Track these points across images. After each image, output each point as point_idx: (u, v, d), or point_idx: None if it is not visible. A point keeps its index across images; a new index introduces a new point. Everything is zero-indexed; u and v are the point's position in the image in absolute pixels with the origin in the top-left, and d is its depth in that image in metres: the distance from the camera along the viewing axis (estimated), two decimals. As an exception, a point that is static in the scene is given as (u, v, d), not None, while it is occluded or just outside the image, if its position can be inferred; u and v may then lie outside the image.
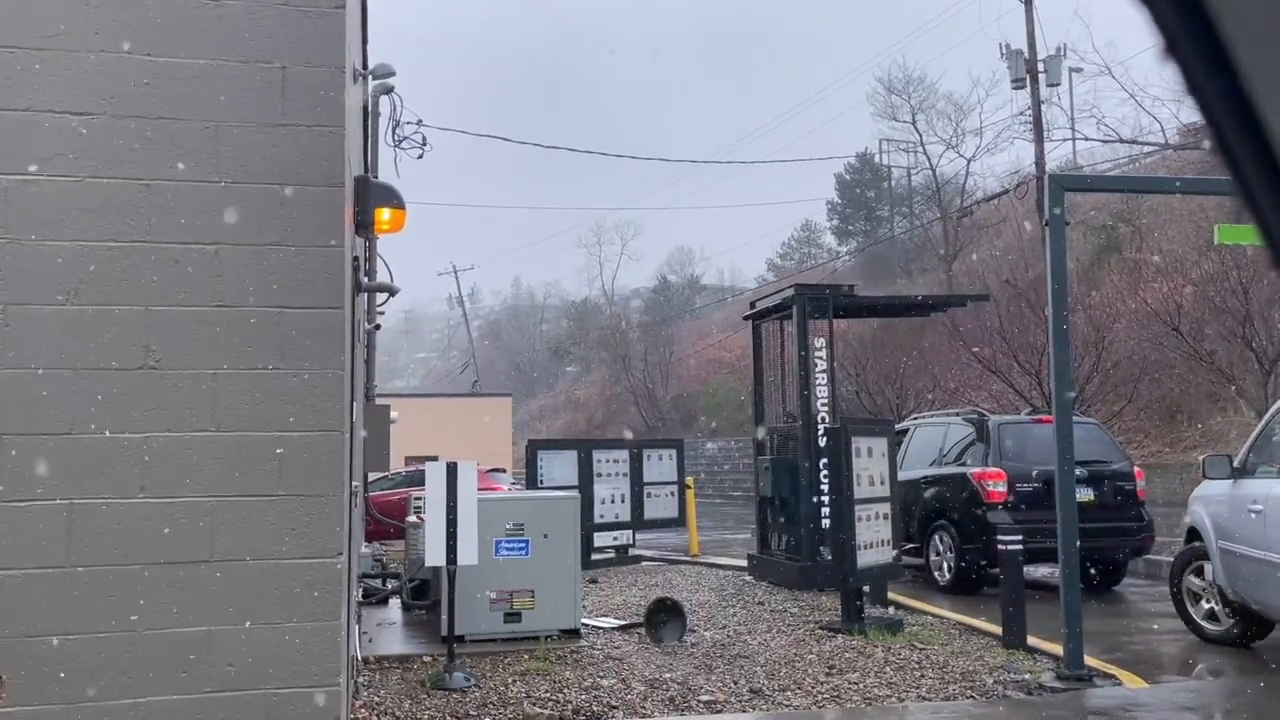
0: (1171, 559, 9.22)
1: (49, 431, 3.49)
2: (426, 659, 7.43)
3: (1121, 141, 29.96)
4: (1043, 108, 25.76)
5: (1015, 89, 25.69)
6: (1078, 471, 7.83)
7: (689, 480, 15.33)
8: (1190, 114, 27.19)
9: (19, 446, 3.46)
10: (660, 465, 14.65)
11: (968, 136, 38.95)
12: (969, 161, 39.13)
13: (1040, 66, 24.62)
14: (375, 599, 10.22)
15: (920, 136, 41.16)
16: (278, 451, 3.65)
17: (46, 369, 3.51)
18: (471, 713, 6.05)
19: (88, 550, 3.47)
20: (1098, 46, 76.37)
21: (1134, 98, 30.72)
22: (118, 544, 3.50)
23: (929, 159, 40.70)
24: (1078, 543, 6.83)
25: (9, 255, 3.52)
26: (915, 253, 41.16)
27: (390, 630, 8.93)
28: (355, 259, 5.64)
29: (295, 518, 3.63)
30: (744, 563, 12.54)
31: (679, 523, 14.88)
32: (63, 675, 3.40)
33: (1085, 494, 10.09)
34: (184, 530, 3.55)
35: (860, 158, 48.62)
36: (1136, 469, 11.60)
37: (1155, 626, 9.16)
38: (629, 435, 26.94)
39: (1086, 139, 31.54)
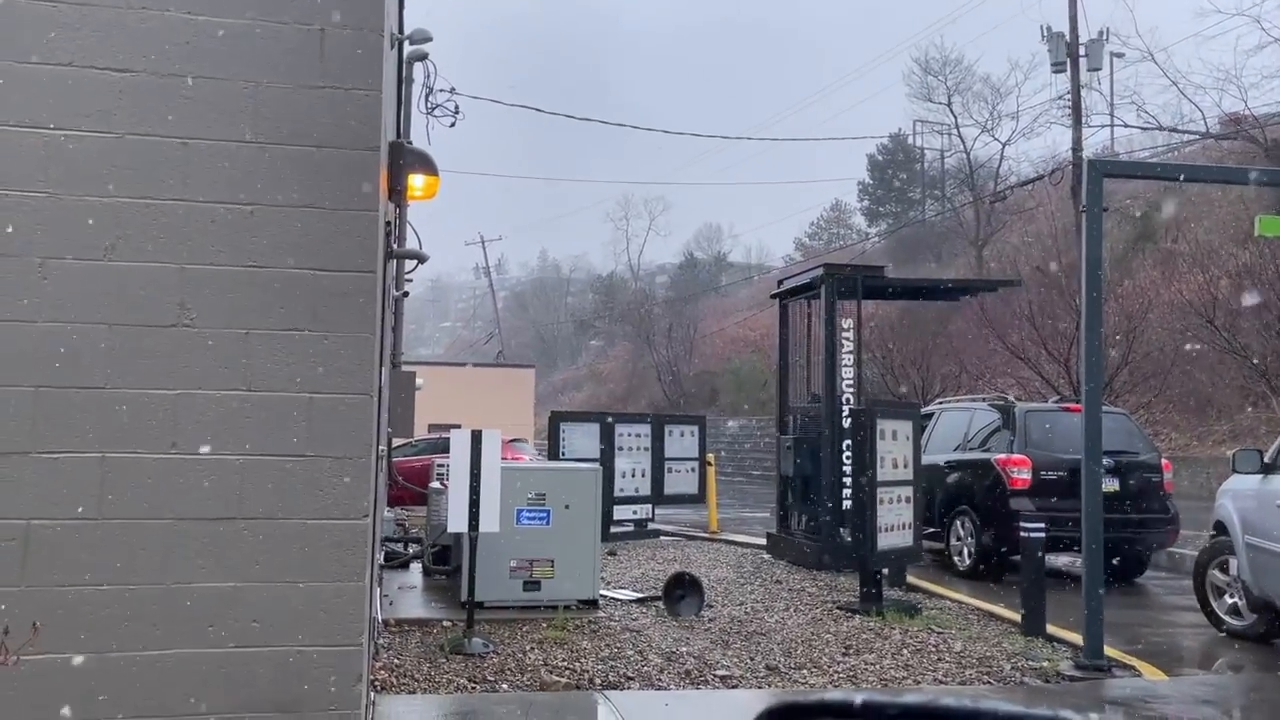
0: (1195, 552, 9.16)
1: (84, 385, 3.52)
2: (446, 624, 7.51)
3: (1161, 129, 29.44)
4: (1082, 92, 25.35)
5: (1055, 72, 25.27)
6: (1105, 461, 7.76)
7: (710, 457, 15.35)
8: (1233, 103, 26.67)
9: (54, 399, 3.50)
10: (682, 441, 14.68)
11: (1004, 120, 38.48)
12: (1004, 145, 38.66)
13: (1081, 50, 24.21)
14: (397, 563, 10.32)
15: (955, 119, 40.69)
16: (307, 412, 3.67)
17: (83, 323, 3.54)
18: (489, 678, 6.10)
19: (119, 503, 3.51)
20: (1141, 31, 74.89)
21: (1176, 85, 30.11)
22: (149, 498, 3.54)
23: (963, 142, 40.23)
24: (1102, 533, 6.79)
25: (48, 209, 3.55)
26: (946, 236, 40.78)
27: (411, 594, 9.03)
28: (387, 224, 5.65)
29: (323, 479, 3.66)
30: (763, 541, 12.56)
31: (698, 499, 14.92)
32: (92, 625, 3.46)
33: (1111, 484, 10.01)
34: (214, 487, 3.59)
35: (893, 139, 48.16)
36: (1165, 461, 11.49)
37: (1177, 619, 9.11)
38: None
39: (1126, 126, 30.98)
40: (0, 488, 3.42)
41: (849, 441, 10.63)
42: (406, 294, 12.38)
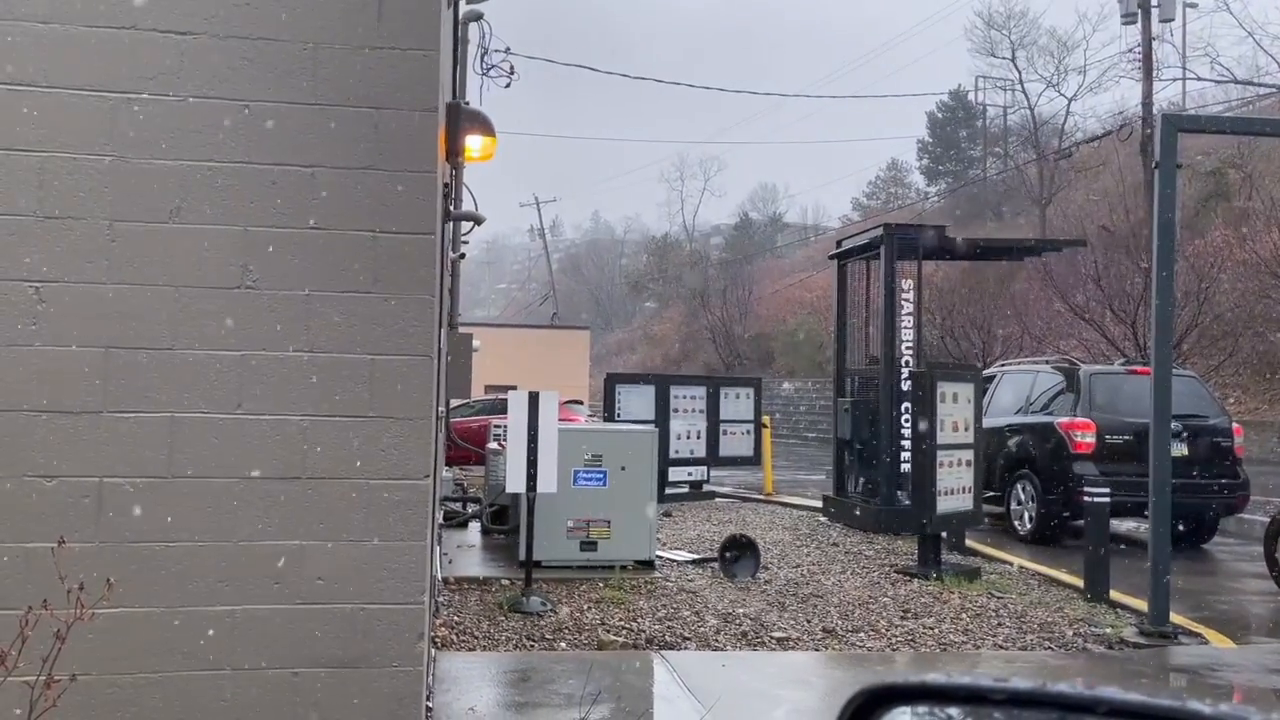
0: (1266, 519, 8.92)
1: (153, 346, 3.58)
2: (504, 582, 7.60)
3: (1236, 82, 28.42)
4: (1153, 45, 24.48)
5: (1125, 24, 24.45)
6: (1173, 425, 7.56)
7: (765, 419, 15.28)
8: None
9: (124, 360, 3.57)
10: (737, 404, 14.62)
11: (1070, 75, 37.43)
12: (1070, 101, 37.64)
13: (1153, 0, 23.35)
14: (456, 522, 10.47)
15: (1019, 74, 39.64)
16: (369, 374, 3.70)
17: (150, 285, 3.60)
18: (547, 636, 6.17)
19: (188, 462, 3.58)
20: (1216, -20, 71.91)
21: (1252, 36, 28.99)
22: (216, 457, 3.60)
23: (1027, 97, 39.25)
24: (1169, 497, 6.63)
25: (116, 173, 3.60)
26: (1008, 195, 39.90)
27: (470, 553, 9.15)
28: (445, 185, 5.65)
29: (384, 439, 3.69)
30: (818, 504, 12.50)
31: (753, 461, 14.88)
32: (164, 580, 3.54)
33: (1179, 449, 9.77)
34: (278, 447, 3.64)
35: (954, 95, 47.09)
36: (1235, 425, 11.18)
37: (1245, 586, 8.90)
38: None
39: (1199, 79, 29.93)
40: (74, 446, 3.51)
41: (908, 404, 10.51)
42: (463, 255, 12.42)
